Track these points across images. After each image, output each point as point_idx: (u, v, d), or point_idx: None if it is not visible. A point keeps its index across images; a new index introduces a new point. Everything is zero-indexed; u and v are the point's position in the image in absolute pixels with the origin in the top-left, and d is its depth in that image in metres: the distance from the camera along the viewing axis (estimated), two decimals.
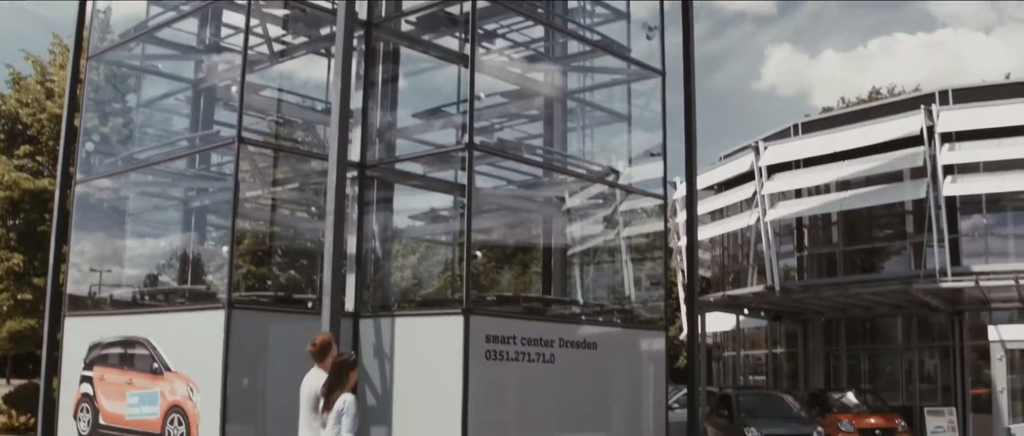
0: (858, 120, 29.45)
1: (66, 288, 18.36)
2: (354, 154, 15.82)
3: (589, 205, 19.41)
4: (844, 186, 29.05)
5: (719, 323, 33.55)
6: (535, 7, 18.67)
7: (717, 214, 34.14)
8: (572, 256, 19.41)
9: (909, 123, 26.42)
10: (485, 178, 18.32)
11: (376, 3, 16.73)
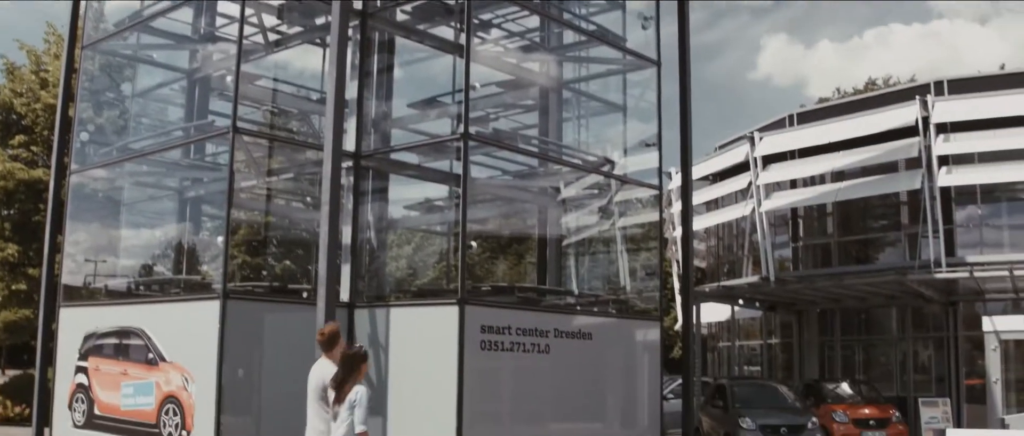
0: (853, 111, 29.42)
1: (61, 278, 18.36)
2: (349, 144, 15.80)
3: (584, 195, 19.41)
4: (839, 177, 29.02)
5: (714, 313, 33.53)
6: None
7: (712, 204, 34.11)
8: (567, 246, 19.41)
9: (904, 114, 26.41)
10: (480, 168, 18.32)
11: None
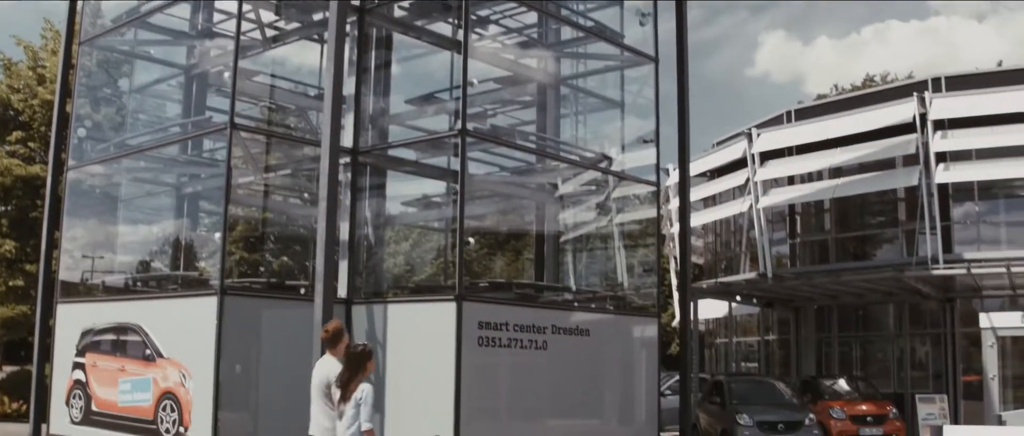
0: (851, 107, 29.39)
1: (58, 274, 18.35)
2: (347, 140, 15.80)
3: (582, 192, 19.42)
4: (837, 173, 29.01)
5: (711, 310, 33.50)
6: None
7: (710, 201, 34.11)
8: (565, 243, 19.42)
9: (902, 110, 26.39)
10: (478, 164, 18.32)
11: None
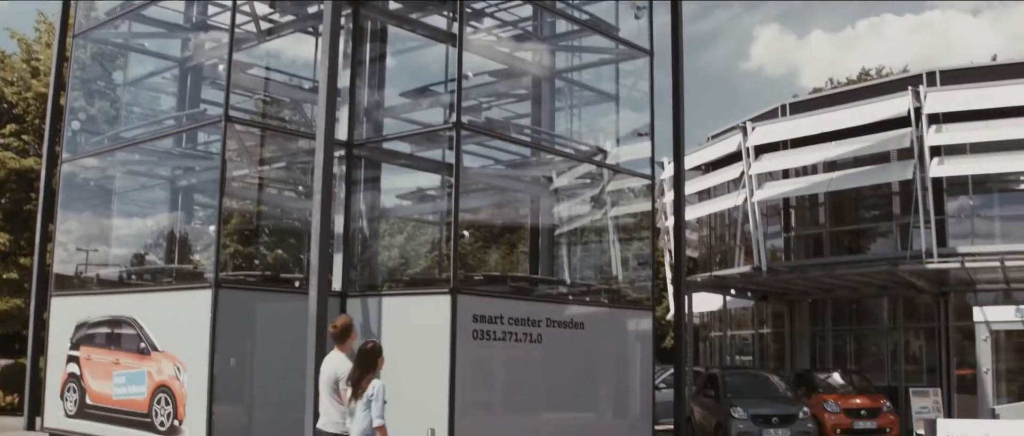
0: (846, 101, 29.38)
1: (52, 268, 18.33)
2: (341, 133, 15.78)
3: (577, 185, 19.42)
4: (831, 167, 28.99)
5: (706, 303, 33.52)
6: None
7: (704, 194, 34.08)
8: (560, 236, 19.43)
9: (896, 104, 26.39)
10: (473, 157, 18.32)
11: None
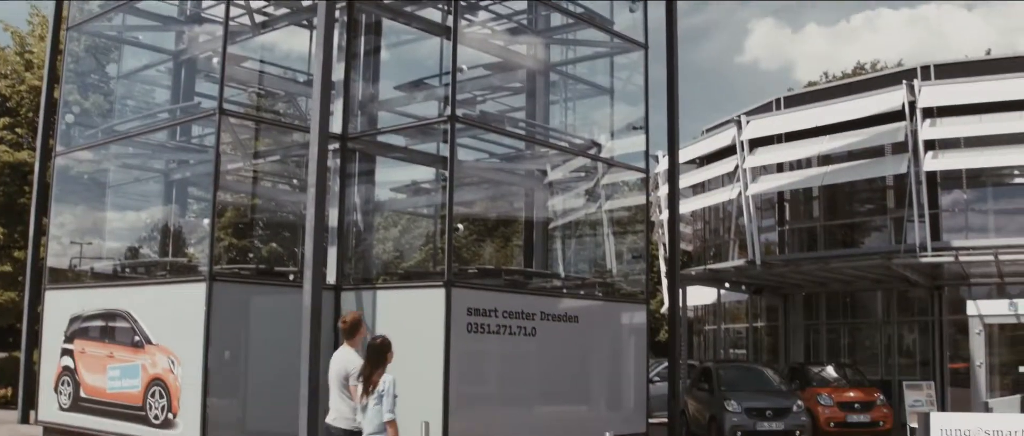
0: (840, 95, 29.39)
1: (46, 261, 18.32)
2: (336, 126, 15.77)
3: (571, 178, 19.43)
4: (826, 161, 29.04)
5: (700, 297, 33.54)
6: None
7: (699, 188, 34.11)
8: (554, 229, 19.43)
9: (891, 98, 26.41)
10: (467, 151, 18.32)
11: None
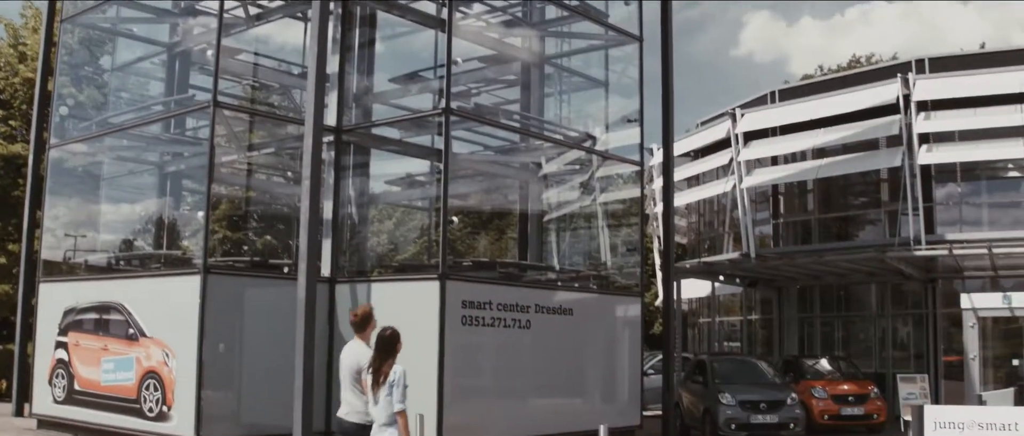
0: (835, 88, 29.42)
1: (40, 253, 18.29)
2: (330, 118, 15.77)
3: (566, 171, 19.44)
4: (820, 154, 29.04)
5: (694, 289, 33.56)
6: None
7: (693, 181, 34.11)
8: (548, 222, 19.45)
9: (885, 92, 26.44)
10: (462, 143, 18.32)
11: None
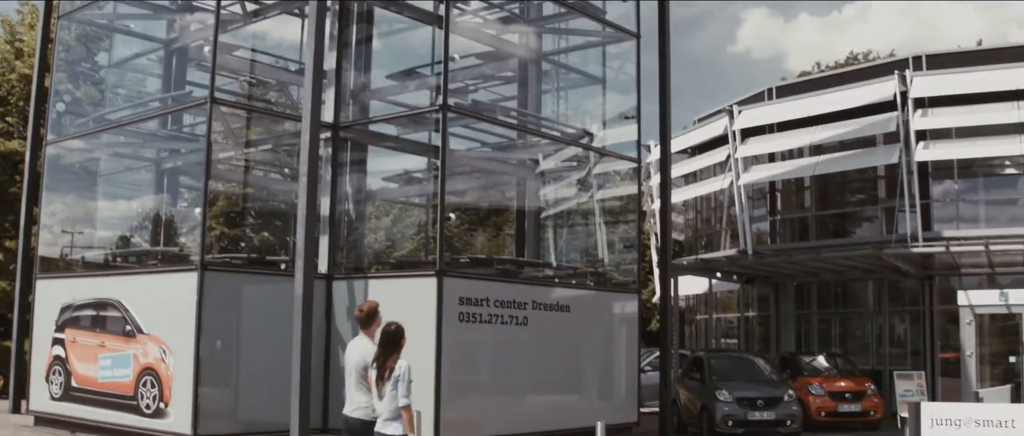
0: (832, 85, 29.40)
1: (37, 250, 18.27)
2: (328, 115, 15.76)
3: (563, 168, 19.43)
4: (817, 151, 29.06)
5: (692, 286, 33.59)
6: None
7: (691, 177, 34.12)
8: (546, 218, 19.45)
9: (882, 88, 26.44)
10: (459, 140, 18.31)
11: None
